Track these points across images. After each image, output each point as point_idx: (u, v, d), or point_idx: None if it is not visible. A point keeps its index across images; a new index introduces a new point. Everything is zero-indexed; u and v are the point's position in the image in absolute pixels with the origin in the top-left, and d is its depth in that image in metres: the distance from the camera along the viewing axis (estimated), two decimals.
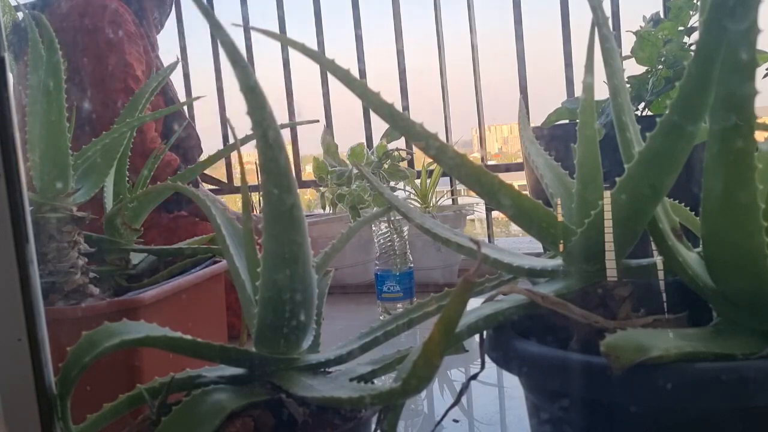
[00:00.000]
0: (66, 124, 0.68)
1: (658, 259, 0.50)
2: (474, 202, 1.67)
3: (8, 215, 0.41)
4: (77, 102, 1.15)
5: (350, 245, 1.24)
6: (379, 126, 1.77)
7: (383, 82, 1.90)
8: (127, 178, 0.84)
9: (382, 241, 1.21)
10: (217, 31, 0.45)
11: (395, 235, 1.19)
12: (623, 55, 0.96)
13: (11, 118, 0.42)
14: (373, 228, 1.24)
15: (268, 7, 1.79)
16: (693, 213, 0.57)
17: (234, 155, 1.69)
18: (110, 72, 1.16)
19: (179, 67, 1.46)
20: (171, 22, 1.53)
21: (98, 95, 1.16)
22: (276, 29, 1.79)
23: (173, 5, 1.46)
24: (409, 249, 1.21)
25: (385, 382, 0.47)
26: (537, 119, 1.10)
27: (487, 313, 0.49)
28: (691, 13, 0.96)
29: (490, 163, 1.75)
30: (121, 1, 1.25)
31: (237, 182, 1.83)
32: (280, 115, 1.74)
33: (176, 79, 1.70)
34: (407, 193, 1.44)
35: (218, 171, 1.88)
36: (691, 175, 0.47)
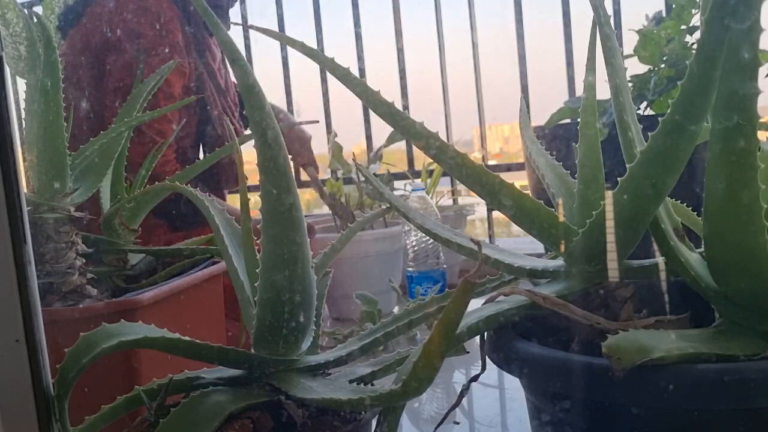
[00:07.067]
0: (64, 124, 0.67)
1: (659, 260, 0.50)
2: (475, 203, 1.66)
3: (6, 215, 0.40)
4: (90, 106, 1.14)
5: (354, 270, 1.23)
6: (380, 125, 1.76)
7: (383, 81, 1.90)
8: (125, 178, 0.83)
9: (415, 242, 1.20)
10: (216, 30, 0.45)
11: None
12: (625, 54, 0.96)
13: (9, 117, 0.42)
14: (405, 228, 1.23)
15: (267, 5, 1.79)
16: (695, 213, 0.56)
17: None
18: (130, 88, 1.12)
19: None
20: None
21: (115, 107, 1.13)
22: (275, 28, 1.79)
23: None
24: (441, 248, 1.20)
25: (384, 383, 0.47)
26: (538, 118, 1.10)
27: (487, 314, 0.48)
28: (693, 11, 0.96)
29: (490, 162, 1.74)
30: (173, 7, 1.21)
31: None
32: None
33: None
34: (408, 193, 1.43)
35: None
36: (693, 174, 0.47)
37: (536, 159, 0.61)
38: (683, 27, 0.96)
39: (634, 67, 1.00)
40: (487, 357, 0.50)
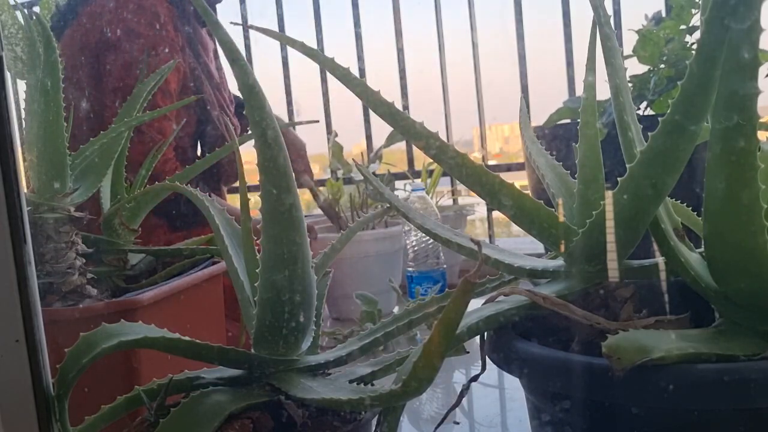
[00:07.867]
0: (64, 124, 0.67)
1: (660, 260, 0.50)
2: (475, 203, 1.66)
3: (6, 215, 0.40)
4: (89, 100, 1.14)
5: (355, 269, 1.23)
6: (380, 125, 1.76)
7: (383, 81, 1.90)
8: (125, 178, 0.83)
9: (415, 242, 1.20)
10: (216, 30, 0.45)
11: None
12: (625, 53, 0.96)
13: (9, 117, 0.42)
14: (405, 228, 1.24)
15: (267, 5, 1.79)
16: (695, 213, 0.56)
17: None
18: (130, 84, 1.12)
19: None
20: None
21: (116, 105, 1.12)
22: (275, 28, 1.79)
23: None
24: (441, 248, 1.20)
25: (384, 383, 0.47)
26: (538, 118, 1.10)
27: (487, 314, 0.48)
28: (692, 11, 0.96)
29: (490, 162, 1.74)
30: (169, 6, 1.21)
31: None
32: (279, 115, 1.73)
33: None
34: (408, 193, 1.43)
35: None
36: (693, 174, 0.47)
37: (536, 159, 0.61)
38: (683, 27, 0.96)
39: (634, 67, 1.00)
40: (487, 357, 0.50)
